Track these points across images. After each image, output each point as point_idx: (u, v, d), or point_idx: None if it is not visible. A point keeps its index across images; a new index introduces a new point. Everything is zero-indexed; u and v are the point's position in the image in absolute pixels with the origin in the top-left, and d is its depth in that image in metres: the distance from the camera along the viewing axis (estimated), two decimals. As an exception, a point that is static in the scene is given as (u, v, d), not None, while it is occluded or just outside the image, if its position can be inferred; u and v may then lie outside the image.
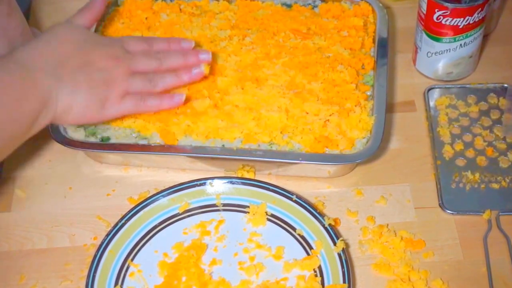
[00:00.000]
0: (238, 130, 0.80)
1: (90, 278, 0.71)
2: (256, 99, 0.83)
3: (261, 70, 0.86)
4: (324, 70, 0.86)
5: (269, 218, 0.77)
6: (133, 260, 0.74)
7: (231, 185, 0.79)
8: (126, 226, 0.76)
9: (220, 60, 0.88)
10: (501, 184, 0.80)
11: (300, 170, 0.81)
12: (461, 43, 0.87)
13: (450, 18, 0.84)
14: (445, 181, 0.81)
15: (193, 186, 0.79)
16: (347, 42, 0.90)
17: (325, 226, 0.74)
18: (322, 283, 0.71)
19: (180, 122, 0.81)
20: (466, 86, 0.91)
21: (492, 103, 0.89)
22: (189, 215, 0.78)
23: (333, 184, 0.82)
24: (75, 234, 0.78)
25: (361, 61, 0.88)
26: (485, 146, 0.84)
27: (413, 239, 0.76)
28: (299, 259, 0.73)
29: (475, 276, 0.73)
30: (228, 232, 0.77)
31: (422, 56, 0.91)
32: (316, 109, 0.81)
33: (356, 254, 0.75)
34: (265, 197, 0.78)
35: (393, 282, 0.72)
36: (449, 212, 0.78)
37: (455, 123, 0.87)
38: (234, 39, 0.91)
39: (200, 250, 0.74)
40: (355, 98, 0.83)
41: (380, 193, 0.81)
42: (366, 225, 0.78)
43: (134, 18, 0.95)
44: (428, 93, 0.90)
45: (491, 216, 0.77)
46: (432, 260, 0.74)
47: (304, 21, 0.93)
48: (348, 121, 0.81)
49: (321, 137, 0.79)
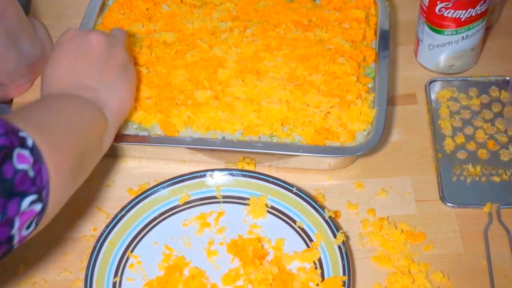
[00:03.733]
0: (239, 122, 0.80)
1: (89, 269, 0.71)
2: (257, 91, 0.83)
3: (262, 62, 0.86)
4: (325, 62, 0.85)
5: (269, 210, 0.77)
6: (132, 252, 0.74)
7: (231, 177, 0.79)
8: (126, 218, 0.76)
9: (221, 52, 0.87)
10: (502, 177, 0.80)
11: (301, 162, 0.81)
12: (463, 36, 0.87)
13: (452, 11, 0.84)
14: (446, 174, 0.81)
15: (193, 178, 0.79)
16: (349, 34, 0.90)
17: (325, 219, 0.74)
18: (322, 276, 0.71)
19: (180, 113, 0.81)
20: (468, 79, 0.91)
21: (494, 96, 0.88)
22: (189, 206, 0.78)
23: (333, 176, 0.82)
24: (74, 225, 0.78)
25: (362, 53, 0.87)
26: (486, 139, 0.84)
27: (413, 232, 0.76)
28: (299, 251, 0.73)
29: (475, 269, 0.73)
30: (228, 224, 0.77)
31: (424, 48, 0.91)
32: (317, 101, 0.81)
33: (356, 247, 0.75)
34: (265, 189, 0.78)
35: (393, 275, 0.72)
36: (449, 205, 0.78)
37: (456, 116, 0.86)
38: (235, 31, 0.90)
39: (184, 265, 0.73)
40: (356, 90, 0.83)
41: (380, 185, 0.81)
42: (367, 217, 0.78)
43: (135, 9, 0.95)
44: (429, 86, 0.90)
45: (492, 209, 0.77)
46: (433, 253, 0.74)
47: (305, 13, 0.93)
48: (349, 113, 0.80)
49: (321, 129, 0.79)
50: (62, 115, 0.65)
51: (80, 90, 0.71)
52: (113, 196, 0.81)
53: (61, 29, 0.98)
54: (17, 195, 0.52)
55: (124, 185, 0.82)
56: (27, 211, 0.54)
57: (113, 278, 0.72)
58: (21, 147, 0.53)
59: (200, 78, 0.85)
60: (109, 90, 0.73)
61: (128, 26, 0.92)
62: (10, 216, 0.52)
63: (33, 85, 0.93)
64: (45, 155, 0.56)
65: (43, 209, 0.56)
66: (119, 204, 0.78)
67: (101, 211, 0.79)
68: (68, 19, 1.02)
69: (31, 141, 0.55)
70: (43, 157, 0.56)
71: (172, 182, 0.78)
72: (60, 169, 0.58)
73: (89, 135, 0.68)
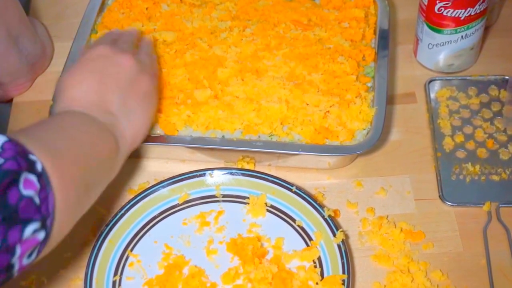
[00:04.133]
0: (238, 121, 0.80)
1: (89, 268, 0.71)
2: (256, 90, 0.83)
3: (262, 61, 0.86)
4: (324, 61, 0.85)
5: (268, 209, 0.77)
6: (132, 251, 0.74)
7: (230, 176, 0.79)
8: (126, 217, 0.76)
9: (220, 51, 0.87)
10: (501, 176, 0.80)
11: (300, 161, 0.81)
12: (462, 35, 0.87)
13: (452, 10, 0.84)
14: (445, 173, 0.81)
15: (193, 177, 0.79)
16: (348, 33, 0.90)
17: (324, 217, 0.74)
18: (322, 274, 0.71)
19: (180, 112, 0.81)
20: (467, 78, 0.91)
21: (493, 95, 0.89)
22: (188, 205, 0.78)
23: (333, 175, 0.82)
24: (74, 224, 0.78)
25: (361, 52, 0.87)
26: (485, 138, 0.84)
27: (412, 231, 0.76)
28: (299, 250, 0.73)
29: (474, 267, 0.73)
30: (227, 223, 0.77)
31: (423, 47, 0.91)
32: (316, 100, 0.81)
33: (355, 246, 0.75)
34: (265, 188, 0.78)
35: (393, 273, 0.72)
36: (449, 204, 0.78)
37: (455, 115, 0.87)
38: (234, 30, 0.90)
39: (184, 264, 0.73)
40: (356, 89, 0.83)
41: (380, 184, 0.81)
42: (366, 216, 0.78)
43: (135, 9, 0.95)
44: (429, 85, 0.90)
45: (491, 208, 0.77)
46: (432, 252, 0.74)
47: (304, 12, 0.93)
48: (349, 112, 0.80)
49: (321, 128, 0.79)
50: (76, 141, 0.63)
51: (99, 113, 0.68)
52: (113, 195, 0.81)
53: (61, 29, 1.00)
54: (20, 222, 0.50)
55: (123, 184, 0.82)
56: (29, 239, 0.51)
57: (113, 277, 0.72)
58: (29, 171, 0.51)
59: (200, 77, 0.85)
60: (127, 119, 0.71)
61: (127, 26, 0.92)
62: (10, 243, 0.49)
63: (33, 85, 0.93)
64: (53, 182, 0.54)
65: (46, 237, 0.53)
66: (119, 203, 0.78)
67: (101, 210, 0.79)
68: (68, 18, 1.02)
69: (40, 166, 0.52)
70: (51, 183, 0.53)
71: (172, 181, 0.78)
72: (67, 197, 0.56)
73: (100, 164, 0.65)
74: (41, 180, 0.52)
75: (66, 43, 0.92)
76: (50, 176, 0.53)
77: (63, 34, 0.98)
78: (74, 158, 0.60)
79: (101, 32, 0.92)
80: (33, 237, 0.52)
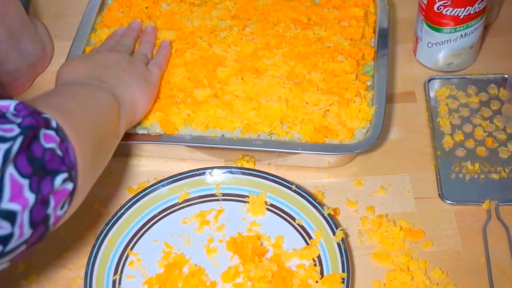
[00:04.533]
0: (238, 120, 0.80)
1: (89, 267, 0.71)
2: (256, 89, 0.83)
3: (261, 60, 0.86)
4: (324, 60, 0.86)
5: (268, 208, 0.77)
6: (132, 249, 0.74)
7: (230, 175, 0.79)
8: (126, 216, 0.76)
9: (220, 50, 0.88)
10: (500, 174, 0.80)
11: (300, 160, 0.81)
12: (461, 34, 0.87)
13: (451, 8, 0.84)
14: (445, 172, 0.81)
15: (193, 176, 0.79)
16: (348, 32, 0.90)
17: (324, 216, 0.74)
18: (322, 273, 0.71)
19: (180, 111, 0.81)
20: (467, 76, 0.91)
21: (493, 93, 0.89)
22: (188, 204, 0.78)
23: (332, 174, 0.82)
24: (74, 223, 0.78)
25: (361, 51, 0.87)
26: (485, 137, 0.84)
27: (412, 229, 0.76)
28: (299, 248, 0.73)
29: (474, 266, 0.73)
30: (227, 221, 0.77)
31: (423, 46, 0.91)
32: (316, 99, 0.81)
33: (355, 244, 0.75)
34: (265, 187, 0.78)
35: (392, 272, 0.72)
36: (448, 202, 0.78)
37: (455, 113, 0.87)
38: (234, 29, 0.90)
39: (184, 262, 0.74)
40: (355, 88, 0.83)
41: (379, 183, 0.81)
42: (366, 215, 0.78)
43: (134, 8, 0.95)
44: (428, 84, 0.90)
45: (491, 206, 0.77)
46: (431, 250, 0.74)
47: (304, 11, 0.93)
48: (348, 111, 0.80)
49: (321, 127, 0.79)
50: (79, 99, 0.66)
51: (95, 82, 0.72)
52: (113, 194, 0.81)
53: (61, 28, 1.00)
54: (49, 173, 0.52)
55: (123, 183, 0.82)
56: (60, 190, 0.53)
57: (113, 275, 0.72)
58: (46, 128, 0.53)
59: (200, 76, 0.85)
60: (123, 87, 0.74)
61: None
62: (44, 195, 0.51)
63: (33, 85, 0.93)
64: (69, 136, 0.56)
65: (74, 189, 0.55)
66: (119, 202, 0.78)
67: (100, 209, 0.79)
68: (68, 18, 1.02)
69: (54, 122, 0.54)
70: (68, 137, 0.55)
71: (172, 180, 0.78)
72: (84, 150, 0.58)
73: (107, 119, 0.68)
74: (59, 134, 0.54)
75: (66, 43, 0.92)
76: (65, 131, 0.55)
77: (63, 34, 0.98)
78: (82, 114, 0.62)
79: (100, 30, 0.92)
80: (63, 187, 0.54)
